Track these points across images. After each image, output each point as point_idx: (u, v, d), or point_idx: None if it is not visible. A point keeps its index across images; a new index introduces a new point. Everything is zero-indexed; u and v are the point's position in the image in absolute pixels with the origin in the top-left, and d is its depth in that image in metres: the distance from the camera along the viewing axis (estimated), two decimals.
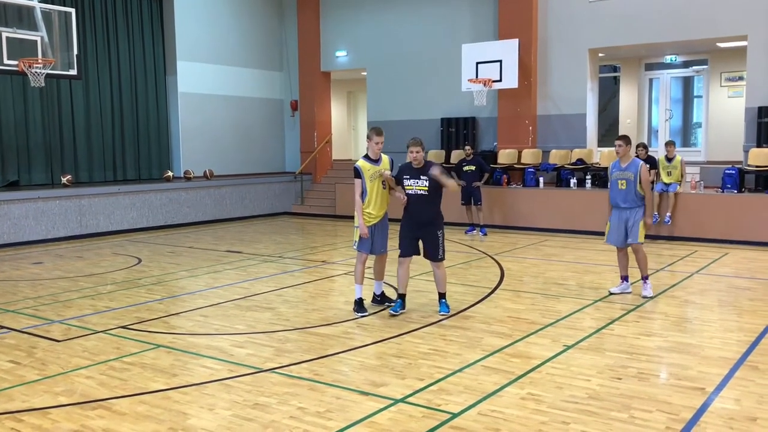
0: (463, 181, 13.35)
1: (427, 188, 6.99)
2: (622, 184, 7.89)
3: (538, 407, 4.70)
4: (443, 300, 7.33)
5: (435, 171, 6.91)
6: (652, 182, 9.87)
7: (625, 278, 8.16)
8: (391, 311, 7.21)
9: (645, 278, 8.04)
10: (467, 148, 13.81)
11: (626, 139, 7.95)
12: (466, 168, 13.53)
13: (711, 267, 9.99)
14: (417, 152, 6.95)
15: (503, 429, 4.36)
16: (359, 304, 7.37)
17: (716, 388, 5.03)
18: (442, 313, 7.20)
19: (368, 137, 7.32)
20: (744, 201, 12.17)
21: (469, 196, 13.49)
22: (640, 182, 7.79)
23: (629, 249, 8.07)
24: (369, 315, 7.27)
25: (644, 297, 7.90)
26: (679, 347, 6.06)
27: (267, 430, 4.40)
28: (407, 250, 7.18)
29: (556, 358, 5.78)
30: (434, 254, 7.17)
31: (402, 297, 7.29)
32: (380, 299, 7.67)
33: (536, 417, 4.54)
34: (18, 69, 11.97)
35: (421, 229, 7.13)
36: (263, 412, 4.68)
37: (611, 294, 8.10)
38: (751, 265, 10.16)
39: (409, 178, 7.08)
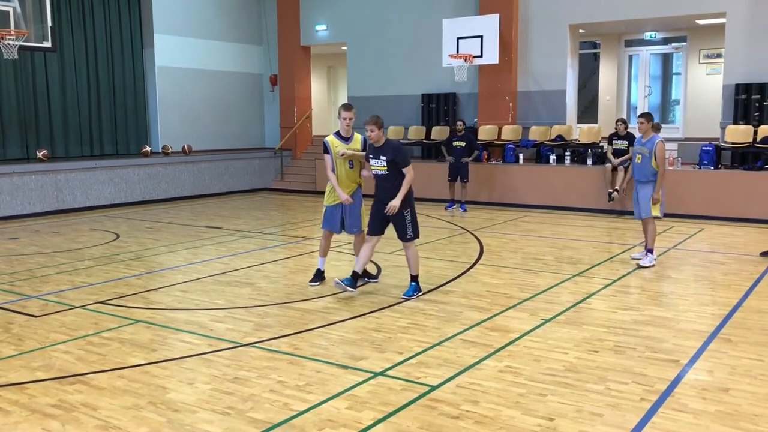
0: (452, 157, 13.40)
1: (386, 168, 6.82)
2: (638, 158, 8.39)
3: (515, 380, 4.76)
4: (413, 283, 7.04)
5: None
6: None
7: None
8: (336, 282, 6.89)
9: (649, 250, 8.44)
10: (459, 123, 13.68)
11: (648, 116, 8.40)
12: (456, 143, 13.46)
13: (687, 242, 10.12)
14: (371, 130, 6.78)
15: (481, 401, 4.41)
16: (317, 274, 7.57)
17: (690, 360, 5.12)
18: (404, 296, 6.92)
19: (338, 114, 7.35)
20: (720, 177, 12.31)
21: (456, 173, 13.48)
22: (655, 158, 8.17)
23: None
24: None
25: (639, 265, 8.32)
26: (655, 321, 6.15)
27: (247, 404, 4.41)
28: (373, 228, 7.06)
29: (534, 331, 5.84)
30: (402, 234, 6.96)
31: (354, 275, 6.97)
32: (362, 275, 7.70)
33: (514, 389, 4.59)
34: None
35: (387, 208, 6.86)
36: (243, 386, 4.69)
37: (632, 259, 8.70)
38: (726, 240, 10.30)
39: (372, 157, 6.95)
